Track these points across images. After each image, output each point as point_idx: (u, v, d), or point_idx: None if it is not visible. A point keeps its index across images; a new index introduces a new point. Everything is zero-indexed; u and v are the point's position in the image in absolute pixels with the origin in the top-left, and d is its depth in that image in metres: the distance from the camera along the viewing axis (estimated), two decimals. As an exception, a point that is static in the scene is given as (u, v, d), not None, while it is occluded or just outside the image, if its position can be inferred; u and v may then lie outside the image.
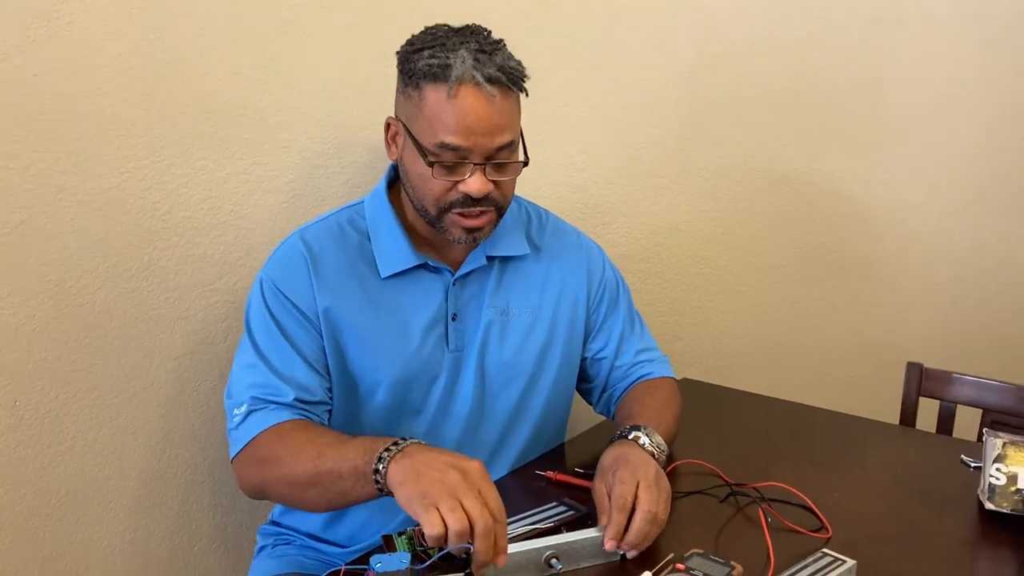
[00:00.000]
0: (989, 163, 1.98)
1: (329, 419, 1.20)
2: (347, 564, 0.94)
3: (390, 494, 0.96)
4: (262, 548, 1.31)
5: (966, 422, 1.59)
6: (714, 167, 1.90)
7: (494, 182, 1.13)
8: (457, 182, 1.12)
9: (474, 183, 1.11)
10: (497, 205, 1.16)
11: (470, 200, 1.13)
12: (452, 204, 1.14)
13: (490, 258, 1.25)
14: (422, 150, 1.12)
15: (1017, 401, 1.49)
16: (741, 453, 1.32)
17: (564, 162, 1.75)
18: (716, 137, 1.88)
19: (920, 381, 1.60)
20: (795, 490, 1.16)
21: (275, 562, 1.26)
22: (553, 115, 1.70)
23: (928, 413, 1.61)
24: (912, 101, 1.94)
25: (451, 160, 1.11)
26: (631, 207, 1.83)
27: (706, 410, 1.48)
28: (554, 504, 1.11)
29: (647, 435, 1.13)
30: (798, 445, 1.38)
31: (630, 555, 1.00)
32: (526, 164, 1.18)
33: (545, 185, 1.68)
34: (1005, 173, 1.98)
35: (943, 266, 2.02)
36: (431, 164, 1.11)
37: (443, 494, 0.91)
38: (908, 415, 1.60)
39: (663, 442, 1.14)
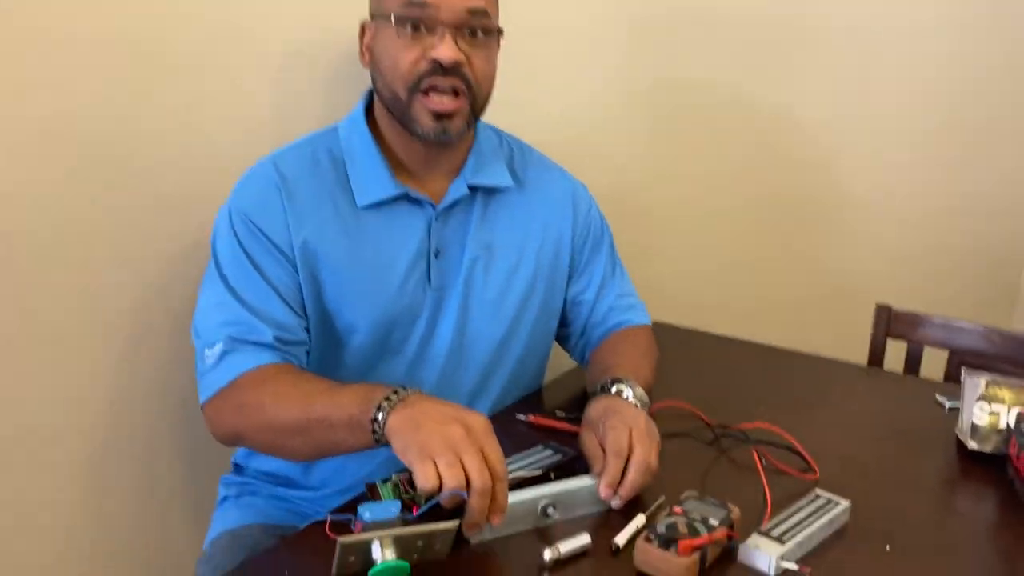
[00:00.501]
0: (956, 102, 1.98)
1: (308, 360, 1.14)
2: (332, 513, 0.88)
3: (387, 444, 0.91)
4: (224, 499, 1.25)
5: (930, 365, 1.60)
6: (675, 109, 1.85)
7: (467, 55, 1.09)
8: (427, 51, 1.08)
9: (444, 48, 1.06)
10: (470, 85, 1.10)
11: (440, 69, 1.07)
12: (421, 78, 1.08)
13: (472, 189, 1.19)
14: (389, 18, 1.08)
15: (986, 342, 1.51)
16: (717, 396, 1.30)
17: (511, 99, 1.68)
18: (680, 78, 1.83)
19: (888, 323, 1.60)
20: (782, 431, 1.14)
21: (240, 513, 1.20)
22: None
23: (894, 355, 1.62)
24: (881, 41, 1.92)
25: (418, 16, 1.07)
26: (594, 150, 1.78)
27: (677, 353, 1.46)
28: (539, 448, 1.07)
29: (630, 387, 1.10)
30: (773, 388, 1.37)
31: (616, 505, 0.97)
32: (501, 34, 1.14)
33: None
34: (972, 114, 1.98)
35: (912, 208, 2.03)
36: (399, 25, 1.07)
37: (442, 448, 0.86)
38: (876, 357, 1.60)
39: (644, 394, 1.11)
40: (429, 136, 1.11)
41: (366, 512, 0.85)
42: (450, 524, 0.84)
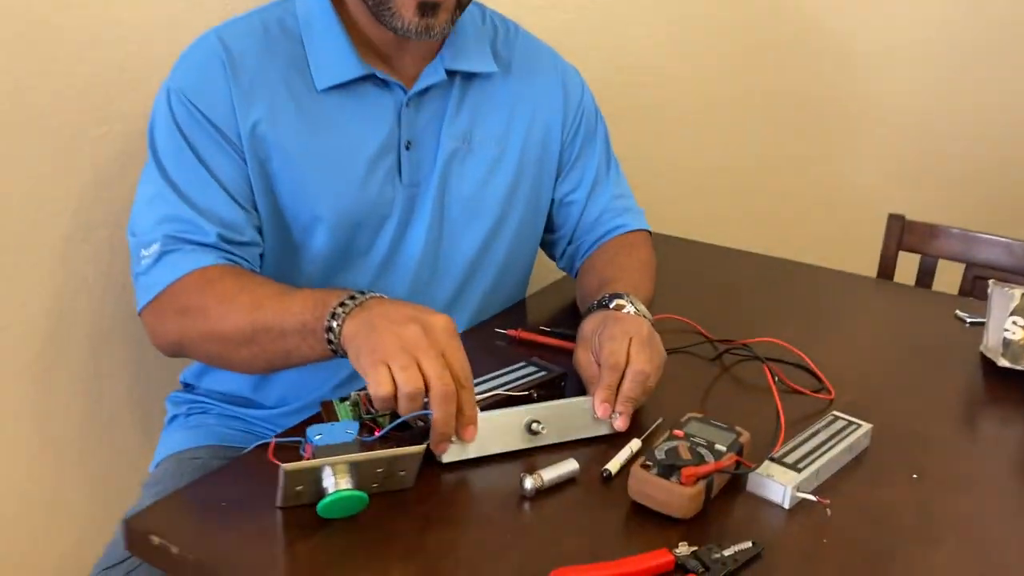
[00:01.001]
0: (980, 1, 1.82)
1: (261, 266, 1.01)
2: (277, 436, 0.76)
3: (346, 355, 0.79)
4: (173, 418, 1.13)
5: (940, 281, 1.48)
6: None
7: None
8: None
9: None
10: None
11: None
12: None
13: (450, 73, 1.04)
14: None
15: (1008, 256, 1.39)
16: (718, 310, 1.18)
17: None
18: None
19: (901, 234, 1.48)
20: (792, 347, 1.03)
21: (188, 434, 1.08)
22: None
23: (906, 269, 1.50)
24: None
25: None
26: (588, 39, 1.62)
27: (673, 265, 1.33)
28: (522, 364, 0.95)
29: (631, 303, 0.97)
30: (778, 301, 1.25)
31: (618, 426, 0.85)
32: None
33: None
34: (998, 12, 1.83)
35: (929, 114, 1.88)
36: None
37: (396, 350, 0.74)
38: (887, 270, 1.49)
39: (647, 311, 0.98)
40: (410, 33, 0.95)
41: (317, 435, 0.73)
42: (415, 448, 0.72)
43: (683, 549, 0.70)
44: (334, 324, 0.80)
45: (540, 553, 0.70)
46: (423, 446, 0.73)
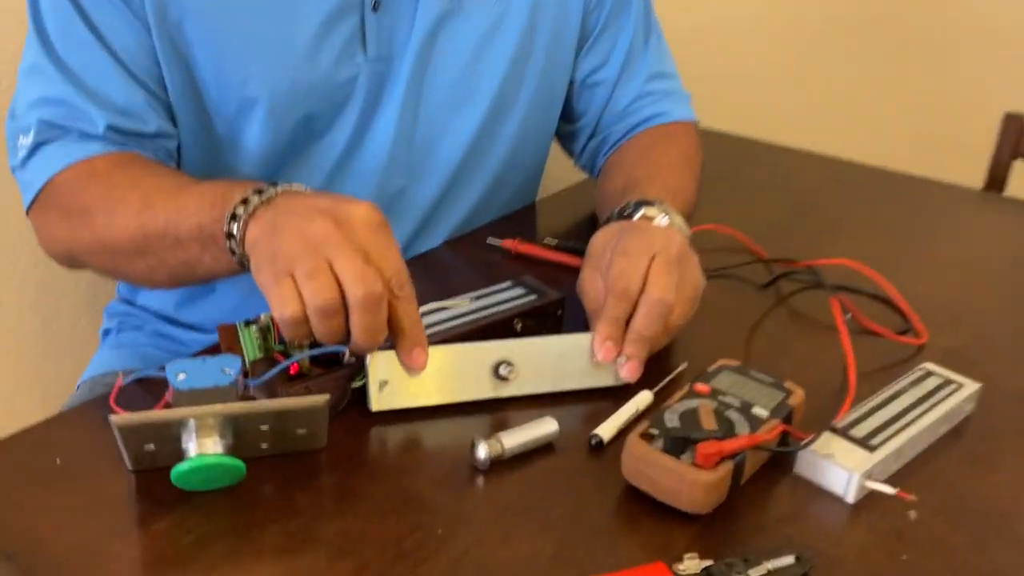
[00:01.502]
0: None
1: (179, 167, 0.80)
2: (125, 372, 0.56)
3: None
4: (106, 332, 0.95)
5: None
6: None
7: None
8: None
9: None
10: None
11: None
12: None
13: None
14: None
15: None
16: (777, 223, 0.94)
17: None
18: None
19: (1018, 138, 1.19)
20: (872, 272, 0.78)
21: (115, 353, 0.90)
22: None
23: (1022, 180, 1.22)
24: None
25: None
26: None
27: (724, 168, 1.08)
28: (508, 284, 0.72)
29: (664, 213, 0.72)
30: (855, 215, 0.99)
31: (624, 374, 0.62)
32: None
33: None
34: None
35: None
36: None
37: (300, 253, 0.54)
38: (997, 181, 1.20)
39: (684, 224, 0.74)
40: None
41: (180, 373, 0.52)
42: (313, 399, 0.51)
43: (690, 565, 0.47)
44: (234, 228, 0.60)
45: (480, 556, 0.48)
46: (326, 396, 0.51)
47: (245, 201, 0.59)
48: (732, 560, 0.48)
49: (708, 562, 0.47)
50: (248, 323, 0.61)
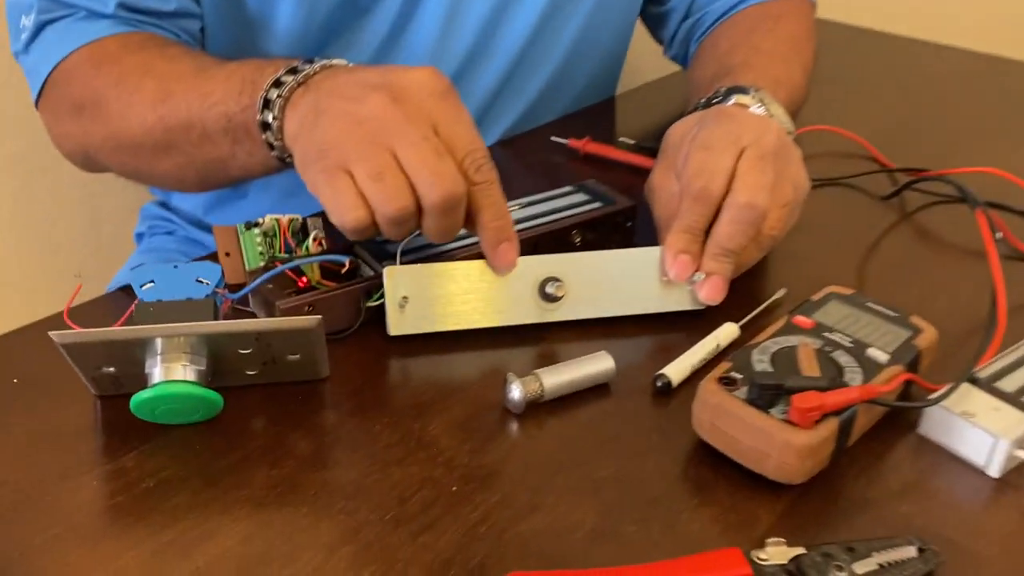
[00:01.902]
0: None
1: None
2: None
3: None
4: (140, 236, 0.87)
5: None
6: None
7: None
8: None
9: None
10: None
11: None
12: None
13: None
14: None
15: None
16: (904, 127, 0.78)
17: None
18: None
19: None
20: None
21: (146, 258, 0.82)
22: None
23: None
24: None
25: None
26: None
27: (842, 60, 0.92)
28: (569, 189, 0.60)
29: (760, 101, 0.58)
30: (1003, 115, 0.82)
31: (703, 296, 0.50)
32: None
33: None
34: None
35: None
36: None
37: (356, 144, 0.45)
38: None
39: (788, 119, 0.60)
40: None
41: (147, 282, 0.43)
42: (307, 319, 0.41)
43: (773, 553, 0.36)
44: (269, 117, 0.50)
45: (501, 524, 0.38)
46: (318, 317, 0.41)
47: (278, 83, 0.50)
48: (831, 549, 0.36)
49: (798, 550, 0.36)
50: (250, 225, 0.51)
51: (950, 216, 0.63)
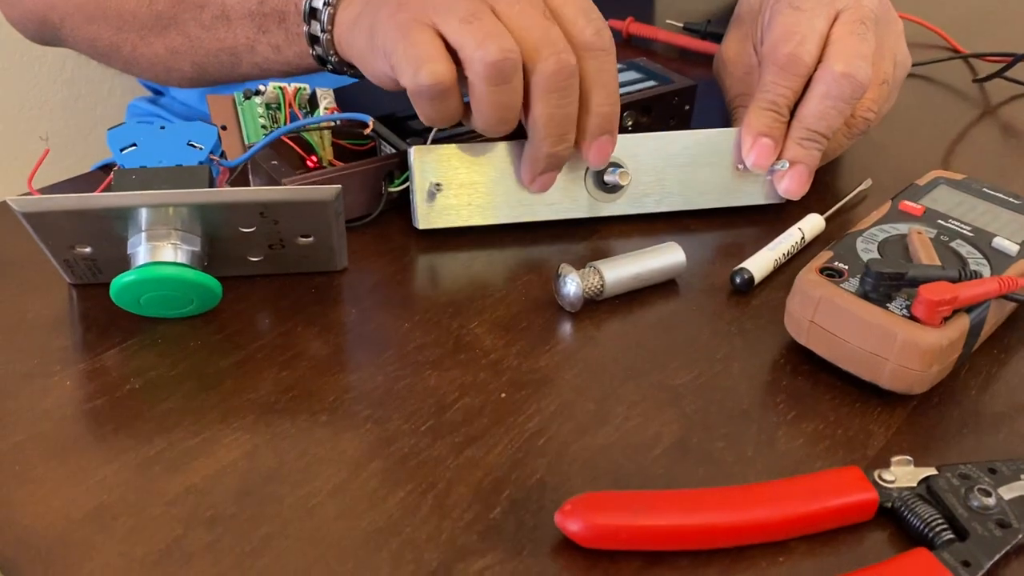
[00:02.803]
0: None
1: None
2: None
3: (346, 71, 0.44)
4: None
5: None
6: None
7: None
8: None
9: None
10: None
11: None
12: None
13: None
14: None
15: None
16: (980, 15, 0.70)
17: None
18: None
19: None
20: None
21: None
22: None
23: None
24: None
25: None
26: None
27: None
28: (622, 66, 0.52)
29: None
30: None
31: (784, 188, 0.43)
32: None
33: None
34: None
35: None
36: None
37: None
38: None
39: None
40: None
41: (127, 145, 0.35)
42: (322, 188, 0.34)
43: (900, 474, 0.29)
44: (320, 3, 0.41)
45: (559, 439, 0.31)
46: (337, 187, 0.34)
47: None
48: (968, 470, 0.29)
49: (929, 470, 0.29)
50: (250, 94, 0.44)
51: (1045, 108, 0.56)
